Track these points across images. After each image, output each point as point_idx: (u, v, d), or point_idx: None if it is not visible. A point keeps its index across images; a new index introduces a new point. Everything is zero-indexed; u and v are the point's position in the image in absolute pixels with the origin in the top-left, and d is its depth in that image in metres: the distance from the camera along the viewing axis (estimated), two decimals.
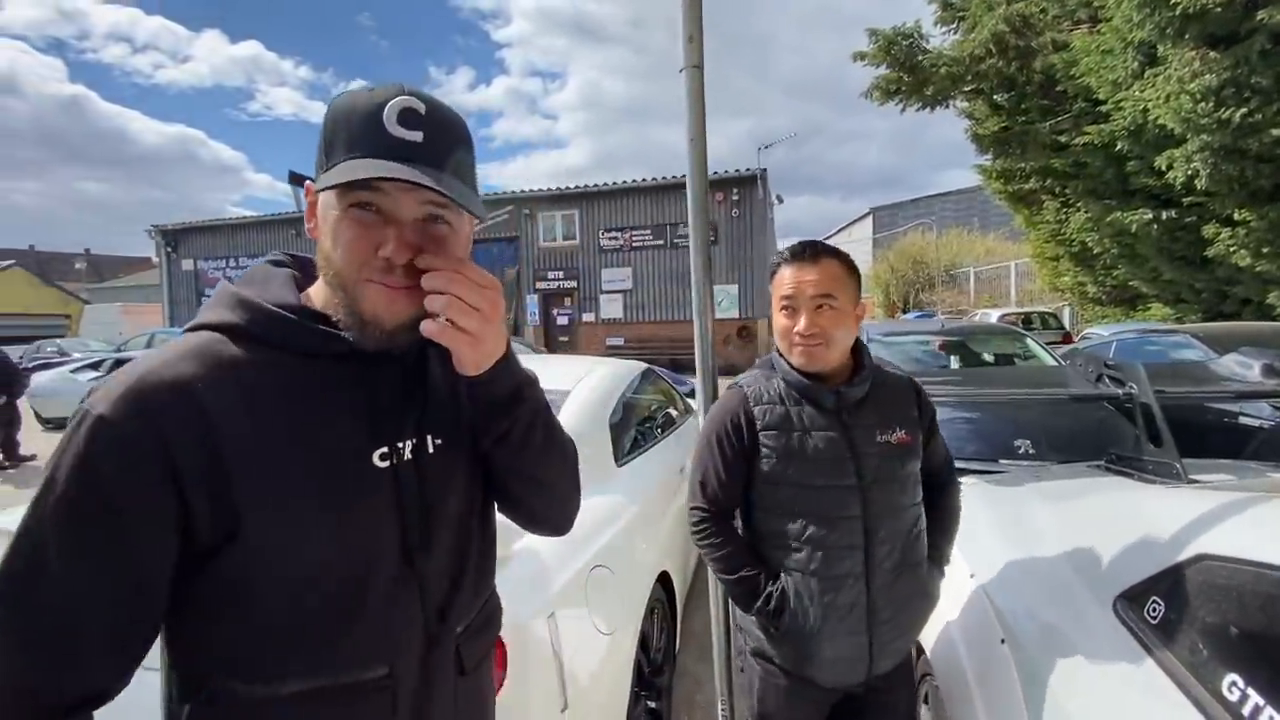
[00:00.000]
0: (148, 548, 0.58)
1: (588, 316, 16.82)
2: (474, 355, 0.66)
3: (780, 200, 17.86)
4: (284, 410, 0.63)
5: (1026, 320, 12.94)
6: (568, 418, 2.18)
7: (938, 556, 1.34)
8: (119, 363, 10.19)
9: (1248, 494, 1.20)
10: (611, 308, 16.62)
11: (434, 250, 0.65)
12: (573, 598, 1.49)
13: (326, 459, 0.64)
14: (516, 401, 0.72)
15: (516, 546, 1.44)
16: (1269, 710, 0.85)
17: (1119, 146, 8.26)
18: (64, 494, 0.56)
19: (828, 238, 42.01)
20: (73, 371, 10.61)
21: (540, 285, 17.13)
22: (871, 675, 1.26)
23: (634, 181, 16.06)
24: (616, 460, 2.26)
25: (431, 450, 0.72)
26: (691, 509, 1.34)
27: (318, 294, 0.70)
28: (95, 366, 10.46)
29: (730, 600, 1.40)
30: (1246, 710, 0.88)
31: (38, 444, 8.71)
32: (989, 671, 1.34)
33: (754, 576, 1.25)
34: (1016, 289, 18.85)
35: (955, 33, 10.68)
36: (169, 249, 20.23)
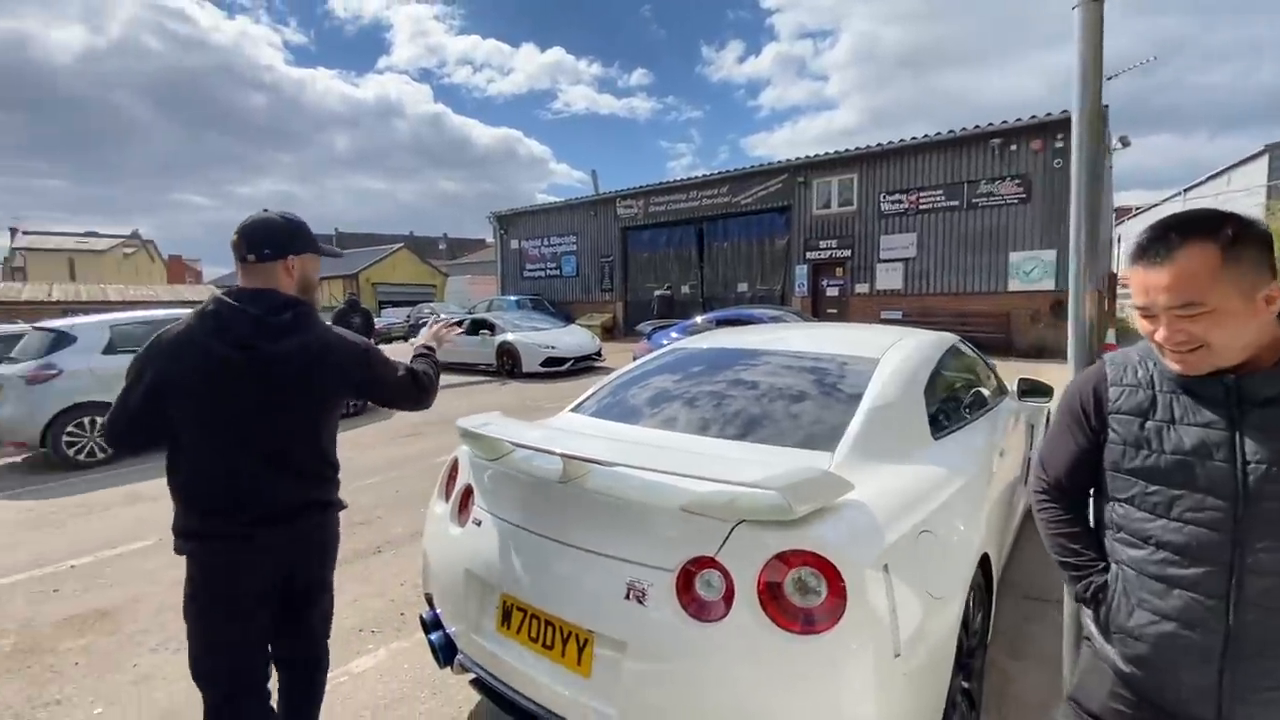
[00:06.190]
0: None
1: (861, 287, 15.93)
2: None
3: (1125, 143, 14.30)
4: None
5: None
6: (879, 387, 2.19)
7: None
8: (475, 322, 13.03)
9: None
10: (889, 278, 15.44)
11: None
12: (904, 555, 1.54)
13: None
14: None
15: (846, 498, 1.55)
16: None
17: None
18: None
19: (1190, 189, 31.58)
20: None
21: (810, 255, 16.73)
22: (1224, 717, 1.06)
23: (924, 137, 14.53)
24: (933, 433, 2.21)
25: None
26: (1034, 477, 1.35)
27: None
28: (458, 324, 13.65)
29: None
30: None
31: None
32: None
33: (1072, 563, 1.24)
34: None
35: None
36: (502, 231, 24.83)
